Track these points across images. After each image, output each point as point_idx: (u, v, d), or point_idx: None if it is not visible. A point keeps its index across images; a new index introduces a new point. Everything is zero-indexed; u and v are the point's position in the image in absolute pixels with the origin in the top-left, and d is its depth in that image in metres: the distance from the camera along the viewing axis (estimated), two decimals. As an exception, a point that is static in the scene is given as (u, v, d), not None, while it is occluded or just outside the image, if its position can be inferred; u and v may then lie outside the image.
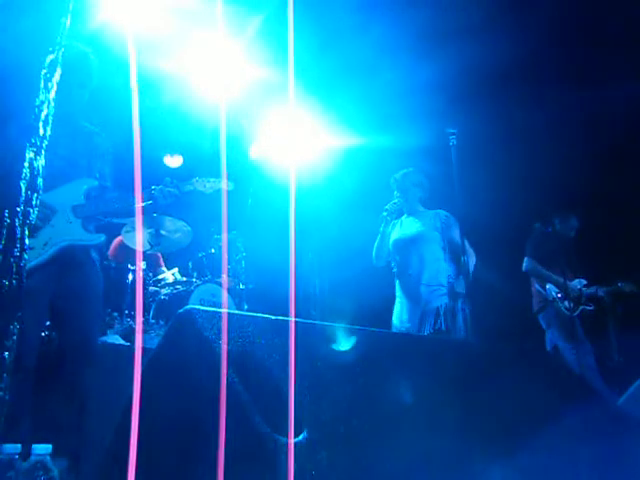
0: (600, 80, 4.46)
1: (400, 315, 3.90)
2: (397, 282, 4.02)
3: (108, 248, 4.51)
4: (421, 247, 3.93)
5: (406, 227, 4.06)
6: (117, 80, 2.99)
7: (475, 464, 1.85)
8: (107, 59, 2.92)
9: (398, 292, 3.99)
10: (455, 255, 3.91)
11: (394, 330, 3.83)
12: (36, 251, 2.47)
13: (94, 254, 2.78)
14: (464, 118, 4.19)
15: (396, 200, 4.03)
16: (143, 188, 2.75)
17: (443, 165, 4.09)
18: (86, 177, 2.69)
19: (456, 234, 3.89)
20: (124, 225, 4.06)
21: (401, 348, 2.21)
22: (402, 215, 4.11)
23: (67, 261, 2.57)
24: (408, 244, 3.97)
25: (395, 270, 4.03)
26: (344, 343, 1.86)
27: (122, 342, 3.62)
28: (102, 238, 2.77)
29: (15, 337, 1.22)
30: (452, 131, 3.86)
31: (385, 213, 4.00)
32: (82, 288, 2.62)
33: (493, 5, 4.32)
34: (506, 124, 4.91)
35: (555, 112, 4.66)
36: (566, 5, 4.26)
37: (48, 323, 2.88)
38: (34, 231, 2.46)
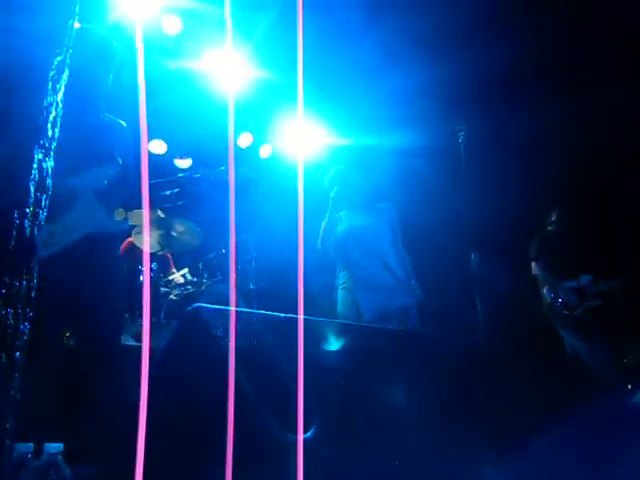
0: (608, 78, 4.44)
1: (352, 306, 3.79)
2: (346, 273, 3.89)
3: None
4: (375, 240, 3.86)
5: (356, 219, 3.97)
6: (125, 82, 2.99)
7: (485, 462, 1.84)
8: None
9: (349, 283, 3.86)
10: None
11: (342, 319, 3.72)
12: (57, 237, 2.34)
13: (116, 244, 2.67)
14: (472, 118, 4.19)
15: (339, 189, 3.95)
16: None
17: (450, 165, 4.08)
18: (108, 164, 2.56)
19: (398, 228, 3.93)
20: (135, 226, 4.08)
21: (408, 346, 2.20)
22: (345, 207, 4.01)
23: (89, 250, 2.41)
24: (361, 236, 3.88)
25: (345, 261, 3.91)
26: (334, 343, 1.85)
27: (134, 343, 3.64)
28: (126, 225, 2.64)
29: (26, 337, 1.23)
30: (461, 128, 3.86)
31: (333, 194, 3.93)
32: (104, 281, 2.47)
33: (499, 8, 4.32)
34: (513, 123, 4.90)
35: (560, 112, 4.64)
36: (571, 6, 4.26)
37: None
38: (55, 216, 2.31)
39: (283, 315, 1.75)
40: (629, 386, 4.02)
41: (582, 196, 4.97)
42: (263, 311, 1.90)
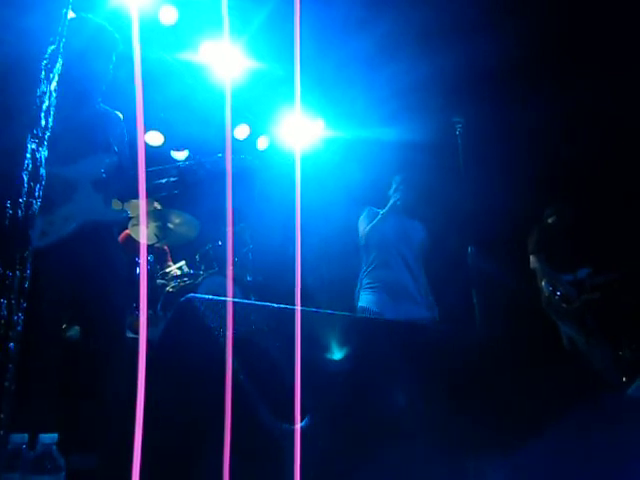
0: (607, 71, 4.43)
1: (379, 303, 3.80)
2: (378, 273, 3.89)
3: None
4: (411, 252, 3.94)
5: (402, 225, 4.00)
6: (121, 73, 2.97)
7: (480, 459, 1.84)
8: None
9: (377, 283, 3.87)
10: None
11: (364, 313, 3.78)
12: (56, 226, 2.32)
13: (115, 233, 2.66)
14: (468, 113, 4.18)
15: (401, 196, 3.97)
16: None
17: (446, 158, 4.08)
18: (105, 152, 2.54)
19: (425, 248, 4.02)
20: (131, 218, 4.07)
21: (407, 338, 2.20)
22: (398, 212, 4.00)
23: (89, 239, 2.40)
24: (403, 243, 3.94)
25: (375, 262, 3.92)
26: (340, 340, 1.85)
27: (132, 335, 3.63)
28: (125, 214, 2.64)
29: (20, 328, 1.22)
30: (458, 120, 3.85)
31: (399, 202, 3.95)
32: (106, 269, 2.44)
33: (495, 4, 4.31)
34: (509, 117, 4.89)
35: (559, 105, 4.64)
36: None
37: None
38: (53, 206, 2.32)
39: (277, 306, 1.75)
40: (624, 379, 4.03)
41: (580, 189, 4.97)
42: (258, 302, 1.90)
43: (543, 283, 4.67)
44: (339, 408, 1.67)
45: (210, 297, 1.54)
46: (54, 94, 1.35)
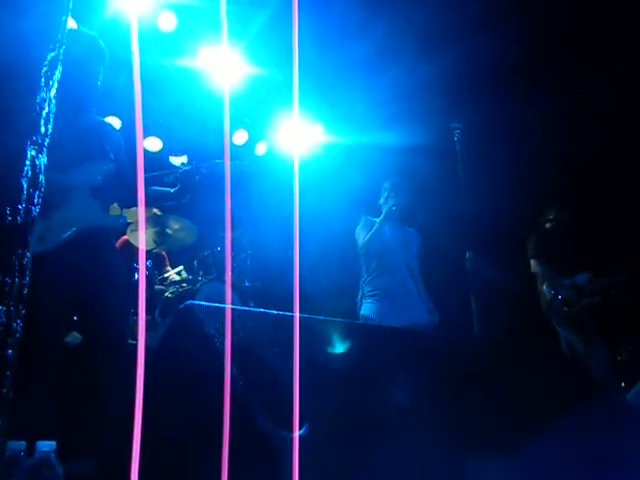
0: (604, 72, 4.43)
1: (380, 312, 3.82)
2: (379, 281, 3.92)
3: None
4: (409, 257, 3.99)
5: (397, 233, 4.03)
6: (120, 80, 2.97)
7: (476, 462, 1.84)
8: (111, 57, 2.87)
9: (379, 290, 3.89)
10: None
11: (365, 321, 3.79)
12: (53, 232, 2.34)
13: (113, 239, 2.67)
14: (468, 115, 4.18)
15: (395, 202, 3.98)
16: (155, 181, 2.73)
17: (446, 162, 4.08)
18: (101, 159, 2.55)
19: (420, 254, 4.08)
20: (129, 224, 4.07)
21: (405, 344, 2.20)
22: (391, 219, 4.01)
23: (86, 245, 2.41)
24: (401, 249, 3.97)
25: (378, 270, 3.94)
26: (339, 345, 1.85)
27: (130, 341, 3.62)
28: (122, 220, 2.65)
29: (18, 335, 1.22)
30: (456, 126, 3.86)
31: (394, 208, 3.96)
32: (103, 276, 2.45)
33: (493, 3, 4.31)
34: (509, 120, 4.89)
35: (557, 106, 4.63)
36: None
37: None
38: (50, 212, 2.33)
39: (276, 312, 1.75)
40: (622, 384, 4.03)
41: (580, 192, 4.95)
42: (258, 309, 1.90)
43: (544, 287, 4.66)
44: (338, 415, 1.66)
45: (210, 304, 1.54)
46: (53, 101, 1.35)
